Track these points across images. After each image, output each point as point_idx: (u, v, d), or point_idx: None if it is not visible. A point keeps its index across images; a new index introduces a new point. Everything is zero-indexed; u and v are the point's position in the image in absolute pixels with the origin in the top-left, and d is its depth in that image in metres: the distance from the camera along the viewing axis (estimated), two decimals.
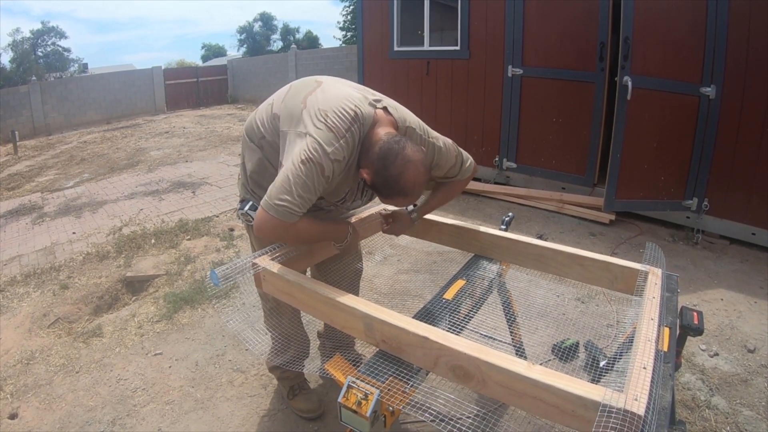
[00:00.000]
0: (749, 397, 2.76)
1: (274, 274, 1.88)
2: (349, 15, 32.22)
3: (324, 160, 1.72)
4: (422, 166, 1.78)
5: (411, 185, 1.75)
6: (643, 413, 1.15)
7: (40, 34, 33.51)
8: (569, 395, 1.24)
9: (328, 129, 1.75)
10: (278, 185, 1.73)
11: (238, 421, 2.66)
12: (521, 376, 1.31)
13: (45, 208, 7.18)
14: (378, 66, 7.54)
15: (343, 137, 1.76)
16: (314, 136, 1.74)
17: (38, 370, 3.22)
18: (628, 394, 1.20)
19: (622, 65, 4.36)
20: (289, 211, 1.72)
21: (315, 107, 1.82)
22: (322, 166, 1.72)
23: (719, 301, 3.74)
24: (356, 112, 1.80)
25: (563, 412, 1.27)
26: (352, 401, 1.44)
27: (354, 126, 1.79)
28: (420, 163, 1.77)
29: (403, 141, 1.76)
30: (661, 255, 1.95)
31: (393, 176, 1.73)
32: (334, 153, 1.74)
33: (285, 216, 1.73)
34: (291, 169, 1.72)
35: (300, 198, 1.72)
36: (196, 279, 4.29)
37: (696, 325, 1.74)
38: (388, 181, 1.74)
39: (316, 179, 1.72)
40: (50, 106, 17.11)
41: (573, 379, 1.28)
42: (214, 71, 23.42)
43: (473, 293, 2.08)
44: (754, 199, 4.48)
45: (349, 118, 1.78)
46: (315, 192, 1.75)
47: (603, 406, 1.18)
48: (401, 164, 1.72)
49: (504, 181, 6.38)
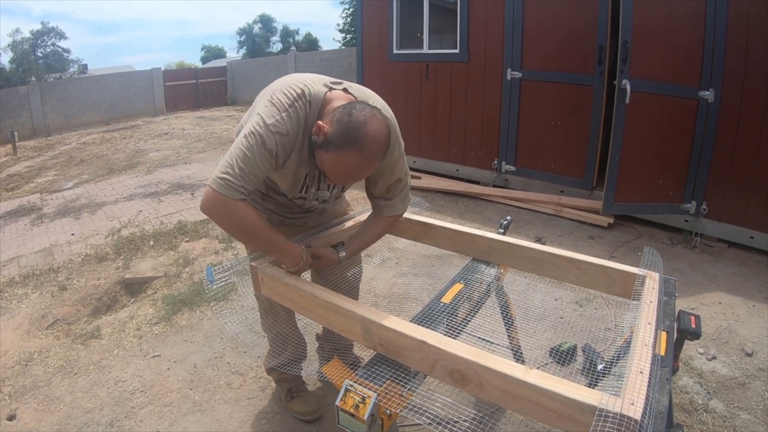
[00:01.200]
0: (747, 401, 2.76)
1: (273, 277, 1.88)
2: (348, 17, 32.17)
3: (264, 131, 1.70)
4: (386, 129, 1.75)
5: (371, 138, 1.67)
6: (639, 418, 1.15)
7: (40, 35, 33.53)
8: (566, 399, 1.24)
9: (271, 104, 1.75)
10: (223, 161, 1.73)
11: (237, 424, 2.67)
12: (518, 380, 1.31)
13: (44, 209, 7.18)
14: (377, 68, 7.55)
15: (285, 111, 1.74)
16: (259, 113, 1.74)
17: (37, 372, 3.22)
18: (624, 398, 1.21)
19: (621, 69, 4.38)
20: (229, 184, 1.68)
21: (269, 90, 1.83)
22: (263, 138, 1.70)
23: (717, 304, 3.74)
24: (303, 89, 1.78)
25: (560, 416, 1.27)
26: (349, 404, 1.44)
27: (298, 102, 1.76)
28: (385, 125, 1.74)
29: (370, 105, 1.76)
30: (658, 259, 1.96)
31: (356, 121, 1.66)
32: (275, 125, 1.71)
33: (225, 189, 1.68)
34: (235, 144, 1.74)
35: (240, 171, 1.69)
36: (195, 281, 4.29)
37: (694, 328, 1.75)
38: (349, 126, 1.66)
39: (257, 151, 1.70)
40: (49, 107, 17.10)
41: (570, 383, 1.28)
42: (213, 73, 23.43)
43: (471, 297, 2.08)
44: (753, 202, 4.49)
45: (294, 94, 1.76)
46: (257, 166, 1.71)
47: (600, 410, 1.18)
48: (369, 113, 1.70)
49: (503, 184, 6.39)
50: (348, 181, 1.85)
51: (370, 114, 1.69)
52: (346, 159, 1.69)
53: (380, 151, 1.74)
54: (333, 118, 1.70)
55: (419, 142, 7.17)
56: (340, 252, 2.11)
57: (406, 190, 2.16)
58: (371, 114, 1.70)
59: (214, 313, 3.76)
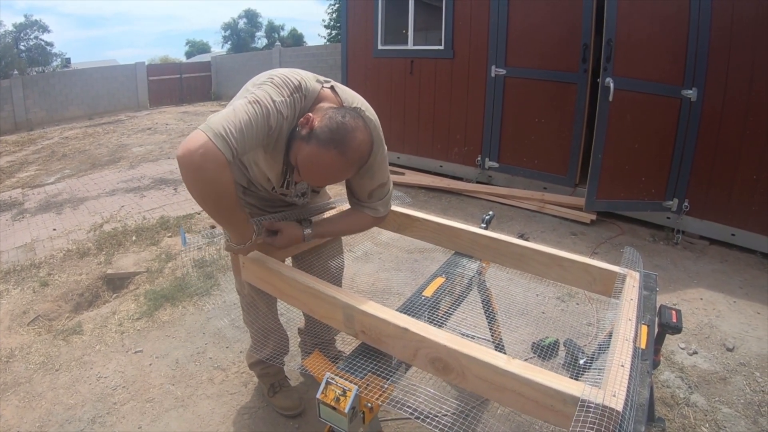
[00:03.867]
0: (728, 395, 2.80)
1: (254, 261, 1.87)
2: (334, 13, 32.11)
3: (272, 106, 1.66)
4: (370, 143, 1.77)
5: (356, 145, 1.68)
6: (621, 409, 1.17)
7: (23, 28, 33.04)
8: (548, 390, 1.25)
9: (276, 86, 1.72)
10: (223, 116, 1.61)
11: (219, 419, 2.66)
12: (501, 369, 1.32)
13: (25, 204, 7.09)
14: (362, 64, 7.53)
15: (290, 96, 1.72)
16: (265, 90, 1.70)
17: (18, 368, 3.19)
18: (606, 390, 1.22)
19: (605, 67, 4.40)
20: (227, 141, 1.56)
21: (265, 75, 1.80)
22: (269, 111, 1.65)
23: (699, 300, 3.79)
24: (300, 83, 1.77)
25: (542, 406, 1.28)
26: (330, 397, 1.44)
27: (297, 94, 1.75)
28: (370, 140, 1.76)
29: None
30: (638, 258, 1.98)
31: (348, 125, 1.67)
32: (281, 104, 1.69)
33: (221, 142, 1.55)
34: (238, 105, 1.65)
35: (240, 134, 1.59)
36: (177, 276, 4.27)
37: (674, 323, 1.76)
38: (339, 126, 1.66)
39: (261, 122, 1.64)
40: (32, 101, 16.88)
41: (552, 374, 1.29)
42: (197, 68, 23.26)
43: (453, 291, 2.09)
44: (734, 200, 4.54)
45: (293, 85, 1.75)
46: (255, 136, 1.64)
47: (582, 401, 1.19)
48: (361, 124, 1.71)
49: (486, 181, 6.41)
50: (316, 179, 1.79)
51: (362, 124, 1.71)
52: (325, 156, 1.66)
53: (358, 161, 1.74)
54: (325, 115, 1.69)
55: (403, 138, 7.19)
56: (306, 228, 2.05)
57: (388, 195, 2.16)
58: (363, 125, 1.72)
59: (196, 309, 3.75)
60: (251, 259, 1.90)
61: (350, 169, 1.74)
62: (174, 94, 21.15)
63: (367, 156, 1.77)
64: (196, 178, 1.59)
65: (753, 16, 4.19)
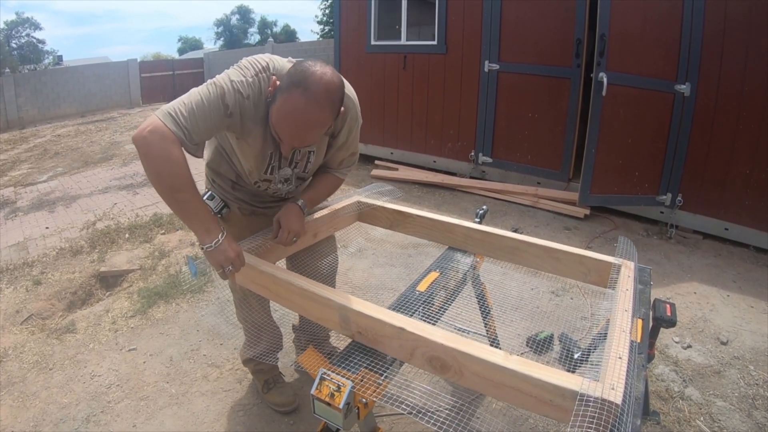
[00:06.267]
0: (722, 388, 2.81)
1: (248, 265, 1.86)
2: (327, 9, 32.08)
3: (227, 86, 1.70)
4: (337, 78, 1.71)
5: (317, 78, 1.63)
6: (620, 402, 1.16)
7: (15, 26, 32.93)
8: (547, 385, 1.25)
9: (238, 68, 1.77)
10: (178, 99, 1.70)
11: (213, 416, 2.65)
12: (498, 366, 1.31)
13: (18, 202, 7.06)
14: (354, 60, 7.52)
15: (251, 77, 1.75)
16: (226, 71, 1.77)
17: (11, 368, 3.17)
18: (605, 383, 1.22)
19: (598, 62, 4.41)
20: (175, 119, 1.63)
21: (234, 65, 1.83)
22: (224, 90, 1.69)
23: (692, 294, 3.80)
24: (267, 63, 1.79)
25: (541, 401, 1.28)
26: (324, 393, 1.43)
27: (263, 74, 1.76)
28: (336, 76, 1.70)
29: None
30: (633, 249, 1.98)
31: (305, 67, 1.66)
32: (238, 84, 1.71)
33: (167, 119, 1.63)
34: (194, 89, 1.72)
35: (190, 114, 1.65)
36: (171, 273, 4.26)
37: (669, 316, 1.77)
38: (297, 71, 1.66)
39: (214, 101, 1.68)
40: (24, 99, 16.79)
41: (550, 369, 1.29)
42: (190, 64, 23.20)
43: (447, 285, 2.09)
44: (728, 194, 4.55)
45: (259, 66, 1.77)
46: (209, 116, 1.68)
47: (580, 395, 1.19)
48: (320, 64, 1.69)
49: (479, 176, 6.41)
50: (292, 132, 1.71)
51: (320, 64, 1.68)
52: (291, 101, 1.64)
53: (326, 96, 1.66)
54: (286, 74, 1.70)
55: (396, 133, 7.18)
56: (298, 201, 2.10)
57: (354, 158, 2.25)
58: (322, 64, 1.68)
59: (190, 306, 3.74)
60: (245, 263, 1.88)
61: (322, 105, 1.66)
62: (167, 90, 21.04)
63: (336, 90, 1.69)
64: (145, 153, 1.64)
65: (746, 10, 4.20)
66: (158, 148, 1.62)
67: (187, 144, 1.67)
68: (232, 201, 2.23)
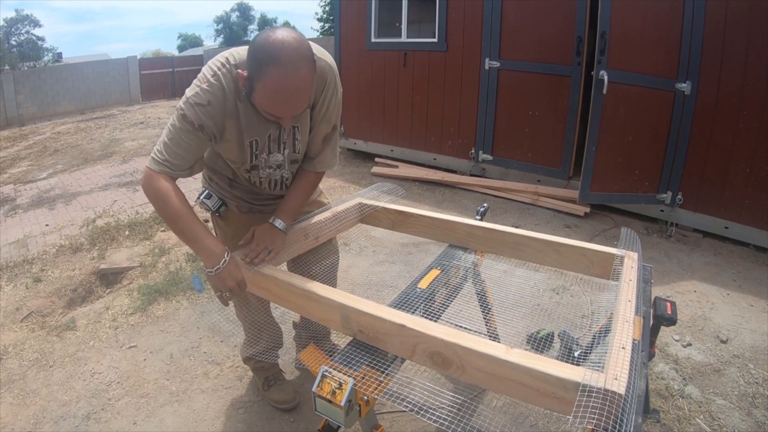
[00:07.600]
0: (722, 387, 2.81)
1: (249, 268, 1.86)
2: (327, 6, 32.01)
3: (185, 105, 1.75)
4: (296, 35, 1.62)
5: (279, 45, 1.56)
6: (623, 392, 1.16)
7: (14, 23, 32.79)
8: (549, 377, 1.25)
9: (195, 80, 1.79)
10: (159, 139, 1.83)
11: (214, 413, 2.65)
12: (500, 360, 1.31)
13: (18, 200, 7.07)
14: (355, 57, 7.50)
15: (206, 82, 1.74)
16: (185, 93, 1.80)
17: (11, 365, 3.17)
18: (608, 373, 1.21)
19: (599, 60, 4.40)
20: (155, 158, 1.79)
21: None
22: (183, 111, 1.74)
23: (692, 292, 3.80)
24: (227, 58, 1.78)
25: (543, 394, 1.27)
26: (326, 390, 1.43)
27: (221, 70, 1.75)
28: (293, 33, 1.62)
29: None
30: (636, 240, 1.97)
31: (259, 40, 1.62)
32: (194, 98, 1.74)
33: (150, 163, 1.80)
34: (168, 124, 1.82)
35: (165, 146, 1.78)
36: (171, 270, 4.25)
37: (669, 314, 1.76)
38: (254, 49, 1.61)
39: (179, 126, 1.76)
40: (23, 96, 16.80)
41: (552, 361, 1.29)
42: (190, 61, 23.23)
43: (448, 283, 2.08)
44: (728, 193, 4.55)
45: (217, 64, 1.77)
46: (181, 139, 1.77)
47: (583, 386, 1.18)
48: (269, 29, 1.65)
49: (480, 173, 6.40)
50: (291, 103, 1.67)
51: (272, 32, 1.61)
52: (270, 80, 1.59)
53: (298, 57, 1.60)
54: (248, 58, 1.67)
55: (396, 130, 7.17)
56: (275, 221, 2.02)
57: (336, 138, 2.15)
58: (272, 30, 1.62)
59: (190, 303, 3.74)
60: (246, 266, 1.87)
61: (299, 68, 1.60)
62: (166, 88, 21.11)
63: (301, 47, 1.61)
64: (148, 196, 1.83)
65: (747, 9, 4.19)
66: (148, 189, 1.80)
67: (175, 173, 1.81)
68: (230, 199, 2.22)
